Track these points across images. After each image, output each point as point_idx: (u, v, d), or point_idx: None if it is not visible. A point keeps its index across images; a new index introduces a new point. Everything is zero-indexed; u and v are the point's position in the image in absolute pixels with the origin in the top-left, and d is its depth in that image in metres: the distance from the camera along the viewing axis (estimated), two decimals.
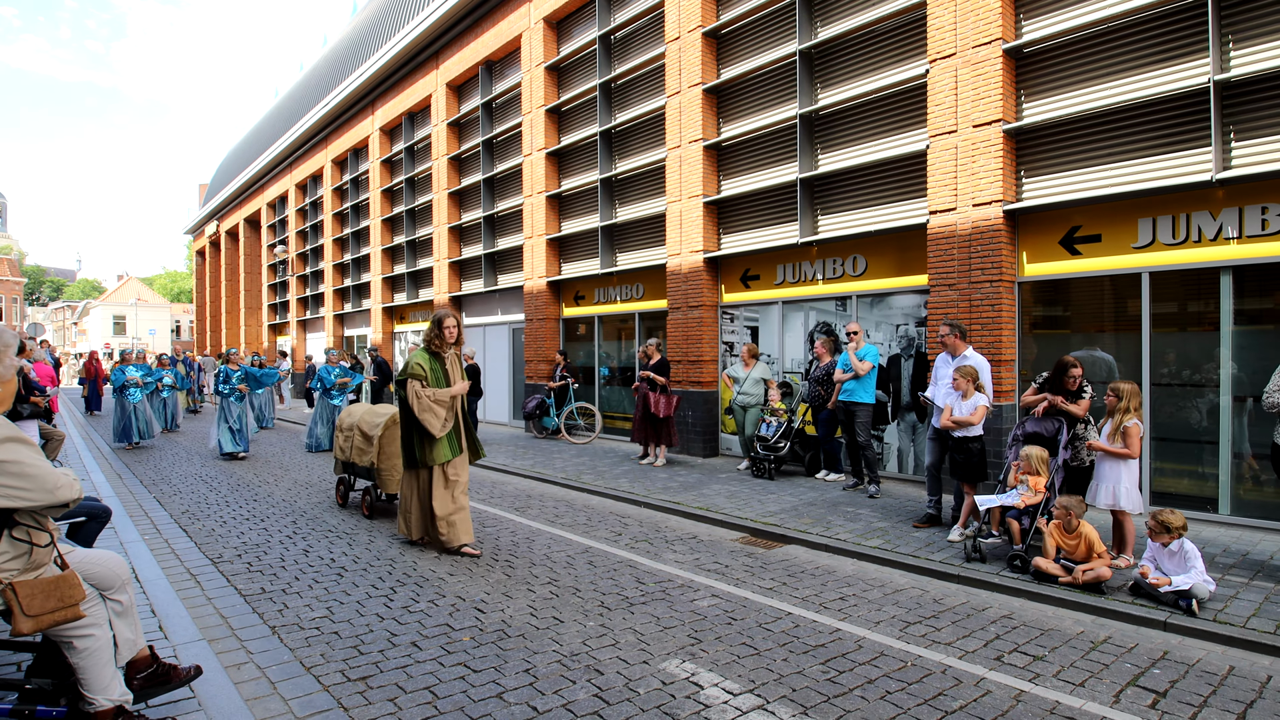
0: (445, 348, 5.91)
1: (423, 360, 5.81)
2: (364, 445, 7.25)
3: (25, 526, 2.59)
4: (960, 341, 6.57)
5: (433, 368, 5.82)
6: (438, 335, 5.87)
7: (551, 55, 14.33)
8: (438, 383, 5.79)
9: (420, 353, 5.92)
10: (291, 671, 3.67)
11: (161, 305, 70.34)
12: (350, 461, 7.48)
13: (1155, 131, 6.90)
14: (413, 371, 5.74)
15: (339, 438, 7.73)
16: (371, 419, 7.31)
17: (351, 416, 7.72)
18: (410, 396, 5.69)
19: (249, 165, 31.42)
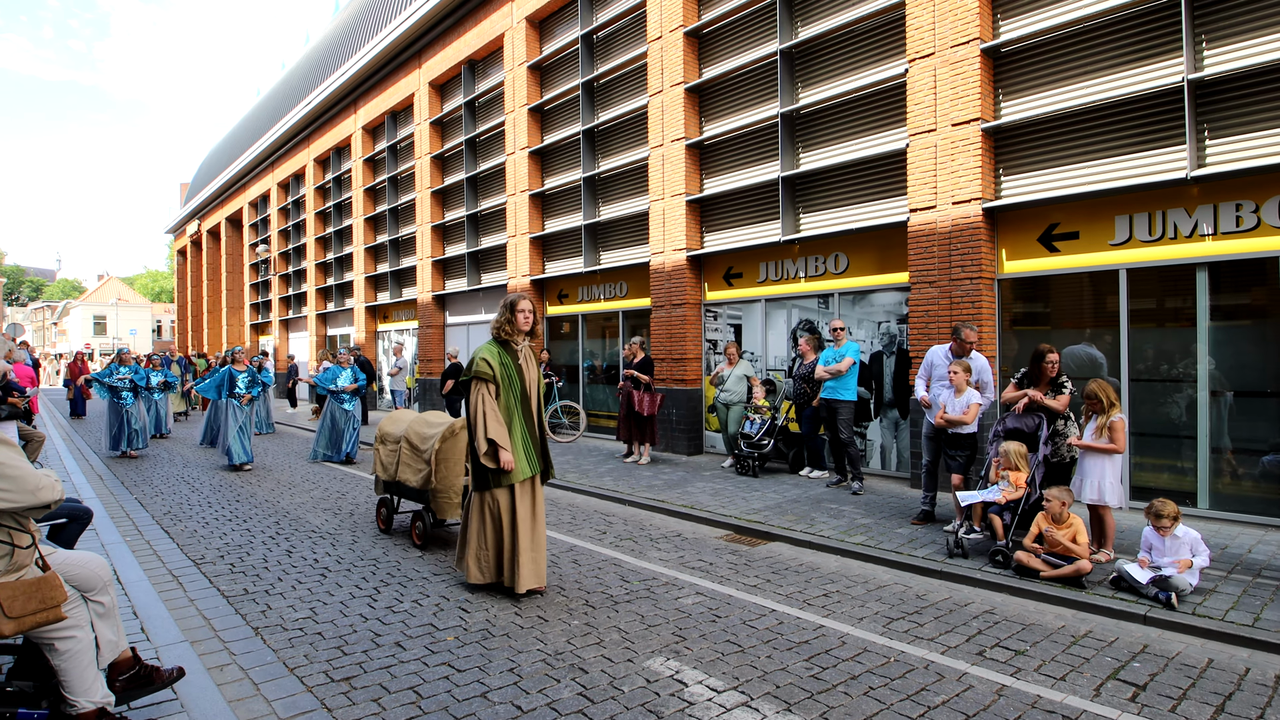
0: (519, 337, 4.86)
1: (490, 355, 4.73)
2: (414, 460, 6.18)
3: (6, 528, 2.57)
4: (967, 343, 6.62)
5: (503, 363, 4.74)
6: (509, 322, 4.81)
7: (534, 54, 14.30)
8: (509, 382, 4.75)
9: (488, 345, 4.83)
10: (275, 672, 3.65)
11: (143, 305, 69.47)
12: (397, 480, 6.36)
13: (1131, 130, 7.00)
14: (478, 370, 4.68)
15: (381, 451, 6.64)
16: (423, 429, 6.24)
17: (396, 425, 6.64)
18: (474, 403, 4.66)
19: (231, 164, 31.10)
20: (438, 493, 5.93)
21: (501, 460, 4.58)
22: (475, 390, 4.69)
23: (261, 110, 29.83)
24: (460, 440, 5.92)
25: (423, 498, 6.13)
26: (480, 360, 4.72)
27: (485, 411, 4.62)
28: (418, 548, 6.08)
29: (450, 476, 5.94)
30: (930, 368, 6.79)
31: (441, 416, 6.39)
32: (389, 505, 6.63)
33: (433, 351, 17.45)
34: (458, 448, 5.94)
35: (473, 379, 4.73)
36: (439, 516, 6.00)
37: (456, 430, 5.95)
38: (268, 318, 29.12)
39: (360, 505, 7.88)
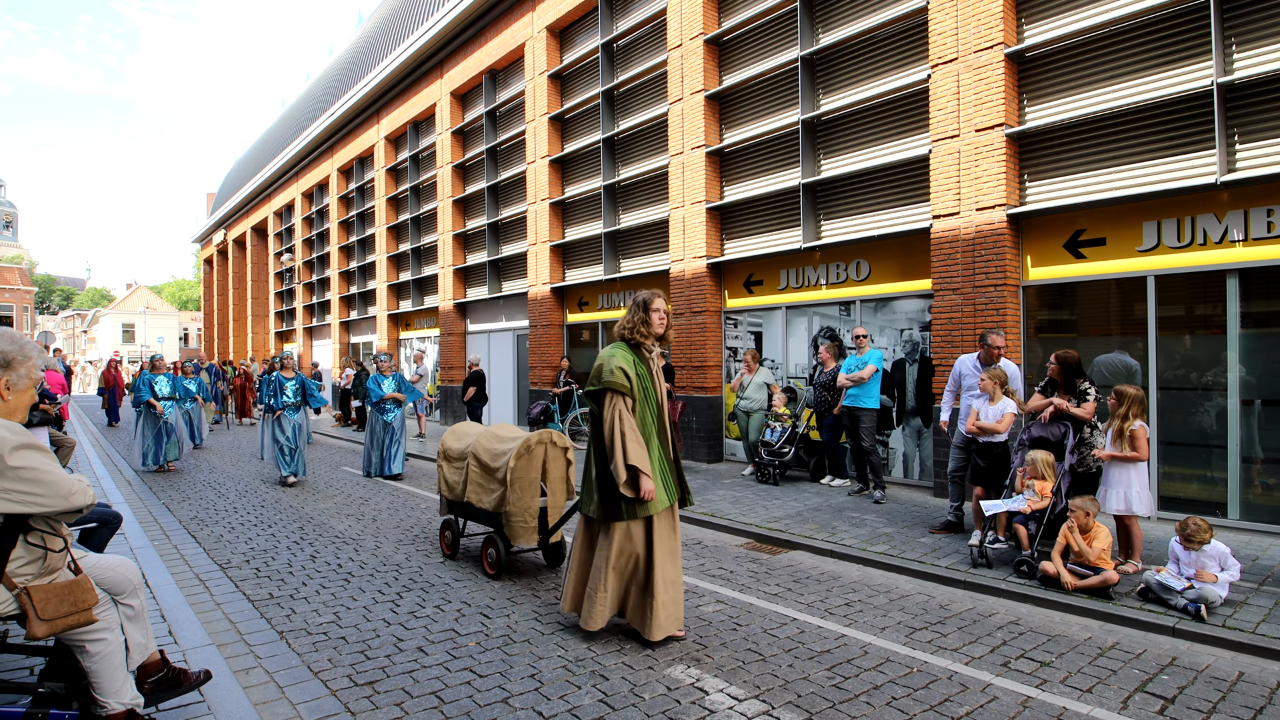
0: (652, 342, 4.21)
1: (626, 361, 4.06)
2: (485, 480, 5.52)
3: (40, 532, 2.62)
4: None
5: (639, 372, 4.09)
6: (643, 322, 4.16)
7: (555, 64, 14.41)
8: (644, 394, 4.07)
9: (619, 350, 4.15)
10: (299, 676, 3.69)
11: (170, 313, 70.72)
12: (465, 501, 5.70)
13: (1159, 134, 6.91)
14: (613, 379, 4.00)
15: (445, 468, 5.98)
16: (494, 445, 5.59)
17: (461, 439, 6.02)
18: (608, 417, 3.98)
19: (256, 174, 31.64)
20: (511, 516, 5.24)
21: (643, 489, 3.88)
22: (610, 405, 3.96)
23: (286, 121, 30.33)
24: (536, 458, 5.32)
25: (493, 521, 5.45)
26: (615, 369, 3.98)
27: (624, 431, 3.90)
28: (449, 558, 5.90)
29: (525, 498, 5.26)
30: (959, 378, 6.72)
31: (512, 430, 5.76)
32: (454, 528, 5.98)
33: (454, 359, 17.58)
34: (533, 466, 5.30)
35: (604, 390, 4.00)
36: (512, 542, 5.31)
37: (531, 447, 5.29)
38: (292, 325, 29.53)
39: (383, 511, 7.95)
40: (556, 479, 5.52)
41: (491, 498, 5.44)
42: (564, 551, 5.34)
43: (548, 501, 5.46)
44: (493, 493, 5.44)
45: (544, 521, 5.43)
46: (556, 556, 5.70)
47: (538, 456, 5.37)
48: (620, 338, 4.23)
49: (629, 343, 4.20)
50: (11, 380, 2.63)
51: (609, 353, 4.12)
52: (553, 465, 5.46)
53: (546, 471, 5.44)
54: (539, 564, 5.86)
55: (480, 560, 5.76)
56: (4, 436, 2.45)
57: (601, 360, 4.11)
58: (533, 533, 5.31)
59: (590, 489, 4.13)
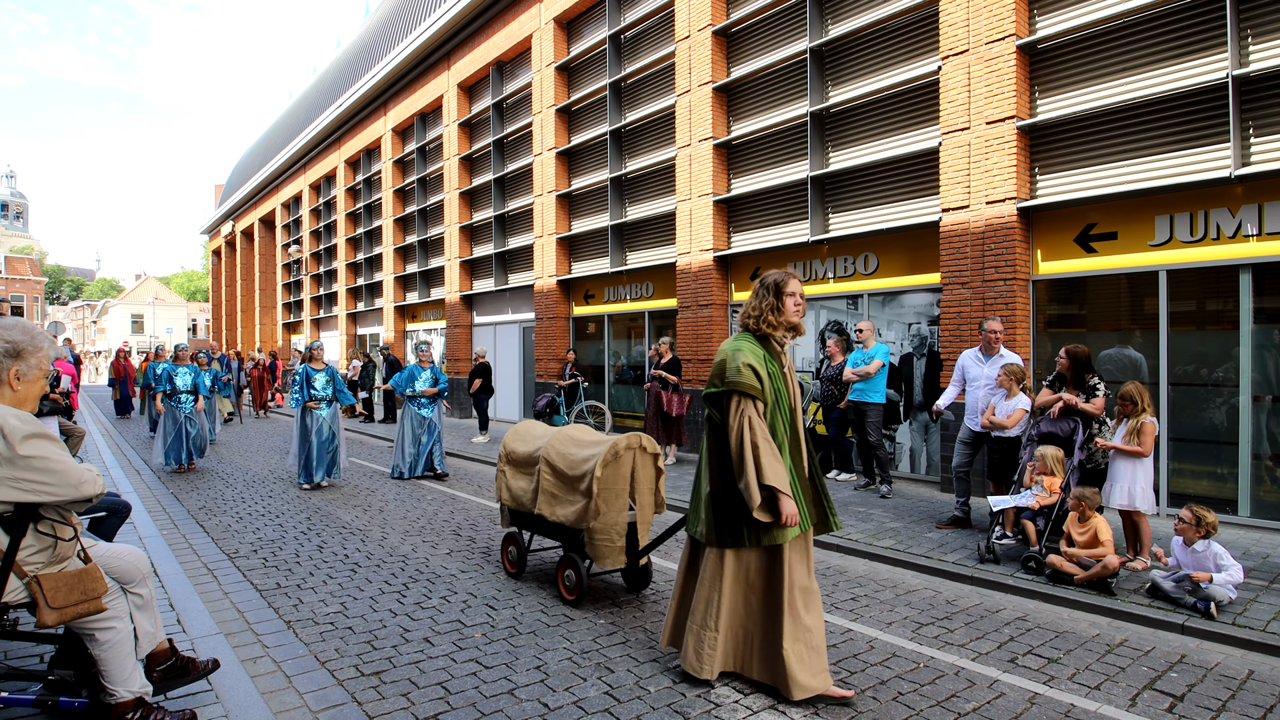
0: (784, 332, 3.44)
1: (755, 357, 3.33)
2: (562, 490, 4.81)
3: (50, 521, 2.63)
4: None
5: (770, 370, 3.35)
6: (774, 310, 3.40)
7: (562, 55, 14.36)
8: (777, 397, 3.34)
9: (745, 341, 3.41)
10: (306, 665, 3.71)
11: (178, 304, 71.09)
12: (536, 514, 4.94)
13: (1173, 127, 6.83)
14: (740, 379, 3.26)
15: (508, 475, 5.29)
16: (571, 449, 4.86)
17: (526, 440, 5.29)
18: (735, 425, 3.25)
19: (264, 166, 31.69)
20: (596, 533, 4.50)
21: (784, 513, 3.16)
22: (736, 410, 3.24)
23: (294, 113, 30.35)
24: (624, 465, 4.61)
25: (571, 538, 4.74)
26: (743, 366, 3.26)
27: (756, 443, 3.18)
28: (513, 577, 5.24)
29: (612, 512, 4.54)
30: (962, 371, 6.69)
31: (589, 433, 5.09)
32: (519, 543, 5.27)
33: (460, 351, 17.61)
34: (620, 475, 4.59)
35: (728, 392, 3.27)
36: (596, 563, 4.58)
37: (620, 452, 4.59)
38: (299, 317, 29.62)
39: (390, 502, 7.98)
40: (645, 489, 4.73)
41: (570, 511, 4.68)
42: (649, 575, 4.86)
43: (636, 516, 4.72)
44: (572, 505, 4.68)
45: (631, 539, 4.70)
46: (641, 580, 4.91)
47: (626, 464, 4.63)
48: (745, 328, 3.48)
49: (756, 334, 3.44)
50: (21, 370, 2.63)
51: (732, 346, 3.37)
52: (641, 473, 4.70)
53: (634, 481, 4.68)
54: (616, 585, 5.09)
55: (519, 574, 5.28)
56: (14, 425, 2.46)
57: (724, 355, 3.35)
58: (620, 553, 4.54)
59: (700, 508, 3.42)
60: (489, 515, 7.32)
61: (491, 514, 7.40)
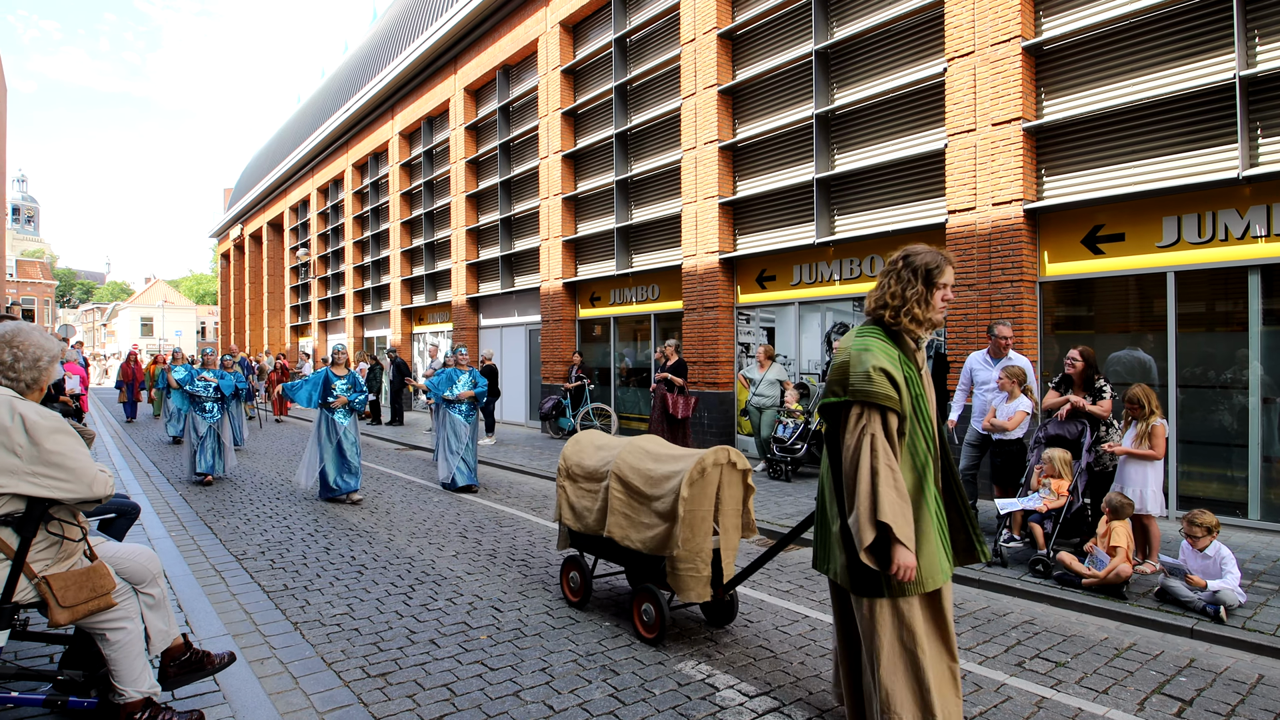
0: (926, 330, 2.76)
1: (888, 357, 2.64)
2: (637, 510, 4.23)
3: (59, 520, 2.66)
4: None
5: (907, 374, 2.66)
6: (922, 301, 2.73)
7: (568, 59, 14.40)
8: (916, 408, 2.65)
9: (875, 337, 2.73)
10: (313, 667, 3.73)
11: (187, 307, 71.50)
12: (605, 537, 4.38)
13: (1180, 128, 6.81)
14: (870, 387, 2.57)
15: (568, 491, 4.73)
16: (647, 464, 4.30)
17: (590, 453, 4.75)
18: (855, 444, 2.57)
19: (272, 170, 31.87)
20: (680, 562, 3.92)
21: (897, 562, 2.47)
22: (858, 425, 2.55)
23: (302, 117, 30.52)
24: (710, 484, 4.00)
25: (648, 566, 4.20)
26: (873, 370, 2.55)
27: (877, 469, 2.49)
28: (575, 605, 4.65)
29: (697, 538, 3.93)
30: (970, 374, 6.67)
31: (663, 444, 4.56)
32: (582, 568, 4.68)
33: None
34: (707, 495, 3.99)
35: (853, 403, 2.58)
36: (678, 595, 3.99)
37: (707, 469, 3.99)
38: (307, 319, 29.75)
39: (396, 504, 8.00)
40: (731, 511, 4.11)
41: (647, 535, 4.11)
42: (736, 608, 4.28)
43: (720, 541, 4.10)
44: (650, 529, 4.12)
45: (715, 567, 4.10)
46: (726, 614, 4.31)
47: (712, 482, 4.03)
48: (876, 320, 2.76)
49: (889, 329, 2.73)
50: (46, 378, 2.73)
51: (859, 343, 2.65)
52: (727, 493, 4.09)
53: (719, 500, 4.07)
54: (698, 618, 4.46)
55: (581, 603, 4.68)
56: (38, 421, 2.50)
57: (848, 355, 2.64)
58: (705, 584, 3.94)
59: (832, 545, 2.75)
60: (495, 518, 7.34)
61: (498, 516, 7.42)
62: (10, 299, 47.29)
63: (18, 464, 2.47)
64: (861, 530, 2.50)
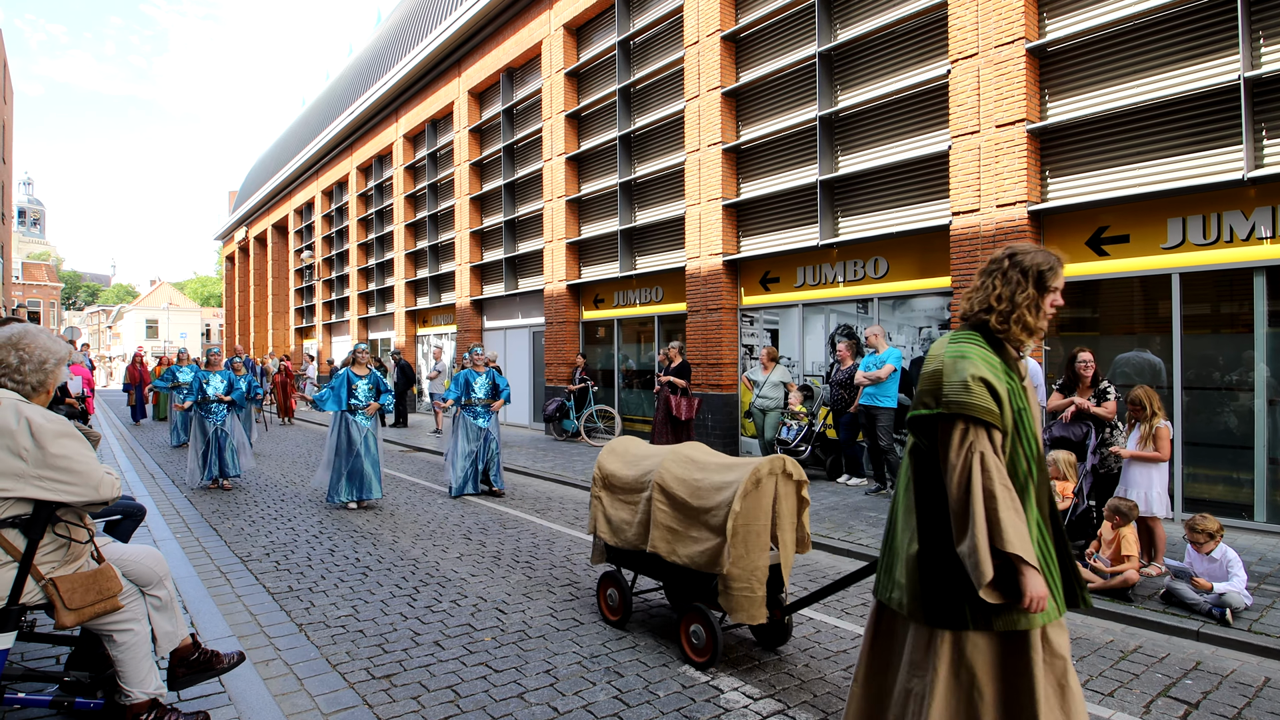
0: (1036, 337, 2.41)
1: (989, 366, 2.27)
2: (684, 524, 3.94)
3: (66, 523, 2.67)
4: None
5: (1010, 387, 2.29)
6: (1032, 307, 2.36)
7: (571, 61, 14.43)
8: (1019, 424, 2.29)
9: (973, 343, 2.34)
10: (318, 668, 3.74)
11: (192, 309, 71.73)
12: (648, 552, 4.08)
13: (1185, 130, 6.79)
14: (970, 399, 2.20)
15: (605, 502, 4.46)
16: (694, 473, 4.02)
17: (632, 461, 4.46)
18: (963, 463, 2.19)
19: (277, 173, 31.98)
20: (733, 581, 3.63)
21: (1029, 592, 2.10)
22: (963, 442, 2.19)
23: (306, 120, 30.62)
24: (765, 495, 3.72)
25: (697, 584, 3.91)
26: (972, 380, 2.20)
27: (994, 490, 2.13)
28: (615, 624, 4.36)
29: (752, 554, 3.65)
30: None
31: (709, 452, 4.27)
32: (620, 585, 4.38)
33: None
34: (762, 508, 3.72)
35: (953, 417, 2.21)
36: (730, 616, 3.69)
37: (761, 479, 3.72)
38: (312, 322, 29.83)
39: (400, 506, 8.01)
40: (787, 525, 3.84)
41: (696, 551, 3.82)
42: (790, 629, 4.01)
43: (779, 556, 3.85)
44: (699, 544, 3.82)
45: (770, 585, 3.80)
46: (779, 636, 4.02)
47: (767, 494, 3.74)
48: (976, 326, 2.40)
49: (990, 335, 2.36)
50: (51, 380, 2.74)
51: (955, 349, 2.30)
52: (783, 504, 3.82)
53: (775, 513, 3.80)
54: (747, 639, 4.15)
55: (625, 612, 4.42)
56: (43, 425, 2.51)
57: (941, 363, 2.29)
58: (761, 604, 3.64)
59: (898, 569, 2.36)
60: (499, 520, 7.35)
61: (502, 518, 7.42)
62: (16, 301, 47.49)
63: (23, 468, 2.48)
64: (981, 563, 2.09)
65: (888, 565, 2.46)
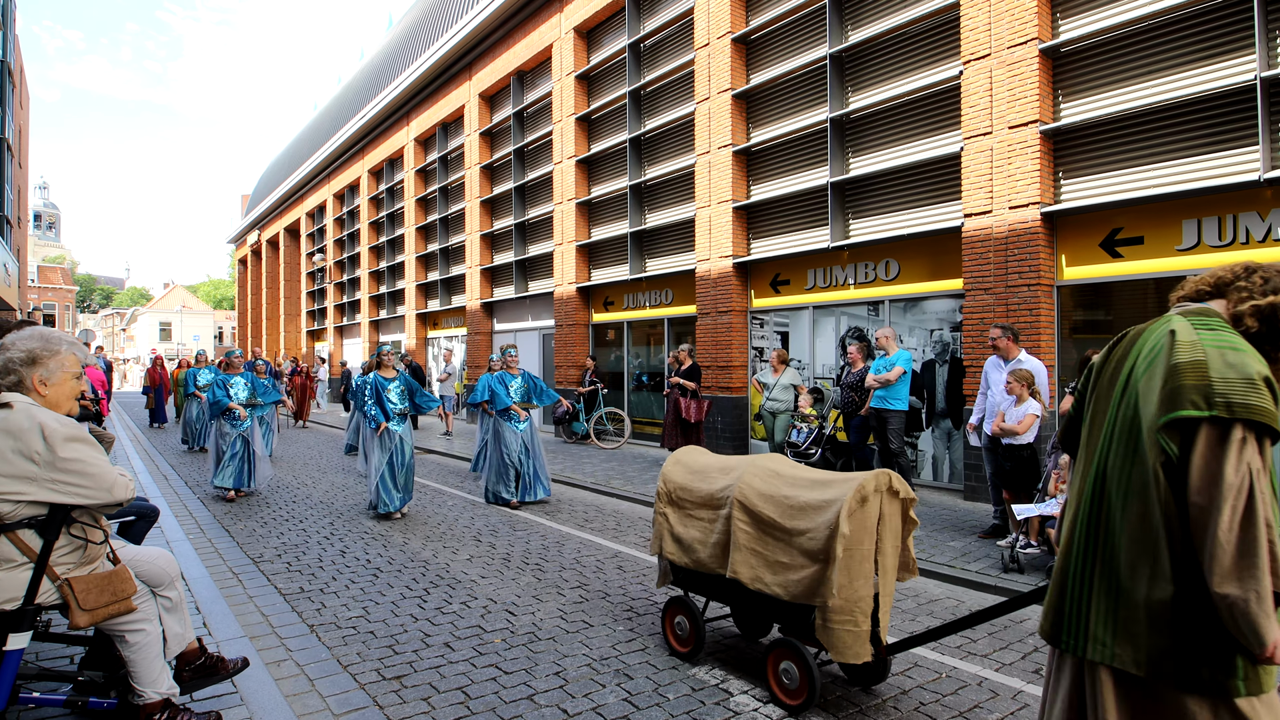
0: None
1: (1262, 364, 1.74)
2: (773, 548, 3.48)
3: (81, 524, 2.70)
4: (1013, 344, 6.45)
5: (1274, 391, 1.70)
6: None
7: (582, 64, 14.47)
8: None
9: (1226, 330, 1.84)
10: (329, 669, 3.75)
11: (205, 312, 72.34)
12: (728, 577, 3.59)
13: (1199, 131, 6.73)
14: (1256, 403, 1.65)
15: (671, 518, 4.04)
16: (784, 488, 3.57)
17: (702, 471, 4.04)
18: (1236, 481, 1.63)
19: (289, 176, 32.22)
20: (834, 614, 3.20)
21: None
22: (1241, 456, 1.67)
23: (318, 124, 30.83)
24: (871, 513, 3.29)
25: (790, 616, 3.45)
26: (1259, 377, 1.72)
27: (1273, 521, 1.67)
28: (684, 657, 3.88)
29: (856, 582, 3.22)
30: (985, 378, 6.64)
31: (798, 466, 3.79)
32: (691, 611, 3.91)
33: (481, 358, 17.73)
34: (866, 529, 3.27)
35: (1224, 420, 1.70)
36: (833, 654, 3.23)
37: (867, 497, 3.27)
38: (323, 324, 30.02)
39: (411, 508, 8.04)
40: (889, 549, 3.38)
41: (791, 579, 3.37)
42: (889, 665, 3.55)
43: (879, 584, 3.36)
44: (792, 571, 3.38)
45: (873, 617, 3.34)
46: (876, 673, 3.56)
47: (872, 514, 3.30)
48: (1236, 318, 1.90)
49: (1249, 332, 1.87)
50: (43, 375, 2.70)
51: (1218, 338, 1.82)
52: (887, 526, 3.36)
53: (879, 536, 3.36)
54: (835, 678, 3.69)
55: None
56: (55, 428, 2.53)
57: (1202, 353, 1.79)
58: (865, 640, 3.21)
59: (1123, 613, 1.82)
60: (509, 522, 7.36)
61: (512, 520, 7.43)
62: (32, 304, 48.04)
63: (35, 470, 2.50)
64: (1267, 616, 1.63)
65: (1105, 611, 1.85)
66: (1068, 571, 1.94)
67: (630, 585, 5.24)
